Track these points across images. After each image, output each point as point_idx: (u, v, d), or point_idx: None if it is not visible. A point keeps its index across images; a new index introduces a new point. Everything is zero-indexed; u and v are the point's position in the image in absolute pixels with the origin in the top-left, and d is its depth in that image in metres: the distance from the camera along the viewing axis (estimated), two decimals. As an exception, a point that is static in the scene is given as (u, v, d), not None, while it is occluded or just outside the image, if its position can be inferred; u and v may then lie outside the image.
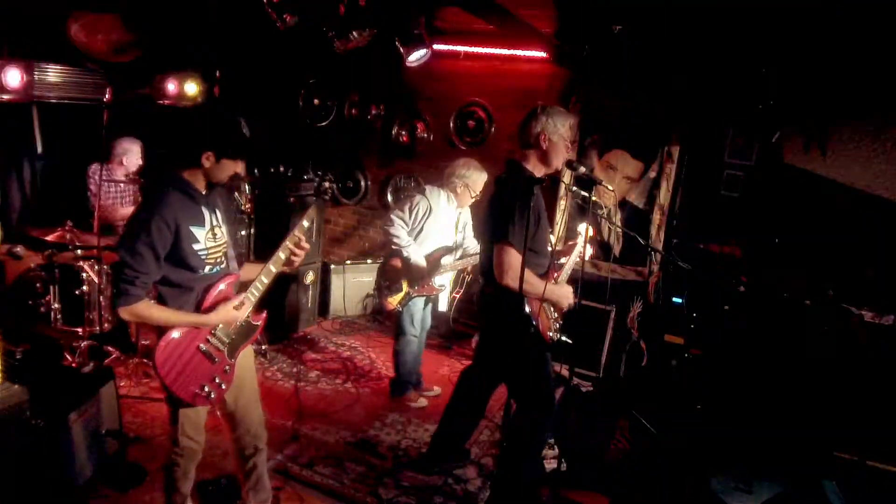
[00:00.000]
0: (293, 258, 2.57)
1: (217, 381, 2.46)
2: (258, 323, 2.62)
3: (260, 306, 2.61)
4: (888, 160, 4.16)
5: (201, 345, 2.42)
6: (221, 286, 2.46)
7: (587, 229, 3.23)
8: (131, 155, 4.61)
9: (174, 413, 2.49)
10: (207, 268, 2.41)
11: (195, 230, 2.33)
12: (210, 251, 2.40)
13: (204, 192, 2.40)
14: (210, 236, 2.39)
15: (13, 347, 2.94)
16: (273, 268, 2.54)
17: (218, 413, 2.70)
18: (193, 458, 2.60)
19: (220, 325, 2.46)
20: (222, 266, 2.49)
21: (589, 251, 3.37)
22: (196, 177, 2.36)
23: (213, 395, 2.45)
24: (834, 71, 4.12)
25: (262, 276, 2.53)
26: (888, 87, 4.02)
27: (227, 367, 2.51)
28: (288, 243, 2.54)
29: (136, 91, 5.03)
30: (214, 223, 2.43)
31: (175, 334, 2.35)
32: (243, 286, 2.55)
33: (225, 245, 2.49)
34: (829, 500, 3.08)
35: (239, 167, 2.40)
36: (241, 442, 2.73)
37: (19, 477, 2.65)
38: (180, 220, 2.27)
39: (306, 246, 2.59)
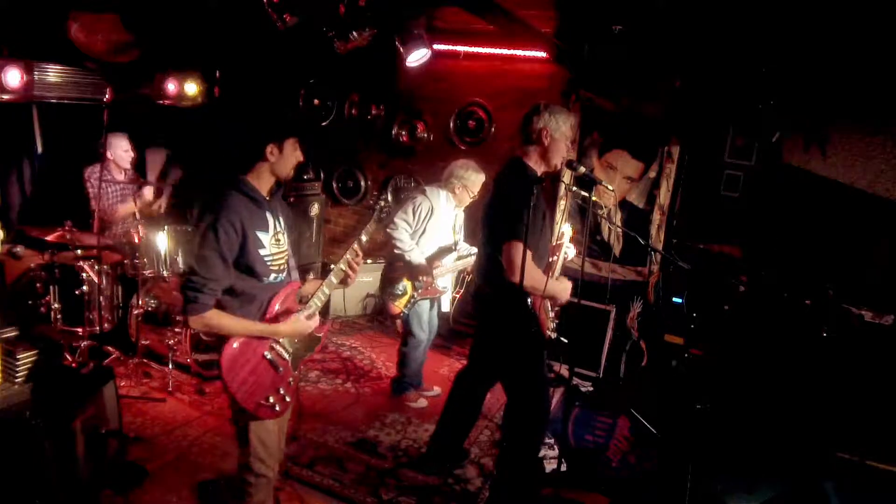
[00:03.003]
0: (349, 273, 2.51)
1: (282, 392, 2.39)
2: (320, 334, 2.56)
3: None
4: (888, 160, 4.16)
5: (266, 353, 2.36)
6: (284, 296, 2.41)
7: (574, 229, 3.23)
8: (116, 148, 4.56)
9: (244, 433, 2.39)
10: (273, 275, 2.36)
11: (261, 235, 2.28)
12: (275, 257, 2.35)
13: (267, 197, 2.36)
14: (274, 242, 2.34)
15: (13, 347, 2.95)
16: (334, 279, 2.50)
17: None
18: (269, 488, 2.50)
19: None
20: (284, 274, 2.43)
21: (573, 252, 3.39)
22: (261, 178, 2.33)
23: (277, 408, 2.37)
24: (834, 71, 4.12)
25: (324, 287, 2.49)
26: (888, 87, 4.01)
27: (291, 379, 2.45)
28: (348, 256, 2.49)
29: (136, 91, 5.03)
30: (278, 228, 2.37)
31: (239, 342, 2.29)
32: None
33: (287, 252, 2.45)
34: (829, 500, 3.08)
35: (300, 155, 2.35)
36: None
37: (19, 477, 2.65)
38: (246, 223, 2.23)
39: (360, 261, 2.54)
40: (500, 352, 3.11)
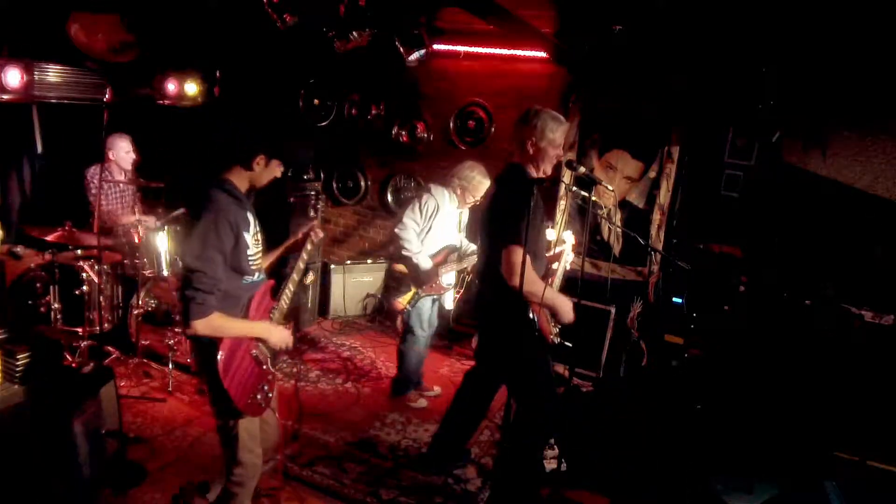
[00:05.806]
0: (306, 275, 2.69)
1: (265, 388, 2.47)
2: (289, 330, 2.63)
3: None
4: (888, 160, 4.16)
5: (254, 350, 2.42)
6: (262, 294, 2.48)
7: (575, 236, 3.22)
8: (118, 150, 4.56)
9: (229, 432, 2.40)
10: (256, 275, 2.42)
11: (245, 234, 2.32)
12: (255, 256, 2.40)
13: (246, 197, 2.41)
14: (255, 241, 2.39)
15: (13, 348, 2.96)
16: (296, 277, 2.63)
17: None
18: (256, 474, 2.54)
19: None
20: (261, 273, 2.50)
21: (571, 259, 3.39)
22: (241, 180, 2.36)
23: (262, 404, 2.45)
24: (834, 70, 4.12)
25: (289, 286, 2.60)
26: (888, 87, 4.02)
27: (271, 376, 2.53)
28: (303, 259, 2.70)
29: (136, 91, 5.03)
30: (257, 228, 2.43)
31: (231, 342, 2.31)
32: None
33: (262, 251, 2.51)
34: (829, 500, 3.08)
35: (279, 173, 2.43)
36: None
37: (19, 477, 2.65)
38: (237, 221, 2.27)
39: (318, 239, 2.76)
40: (502, 354, 3.11)
